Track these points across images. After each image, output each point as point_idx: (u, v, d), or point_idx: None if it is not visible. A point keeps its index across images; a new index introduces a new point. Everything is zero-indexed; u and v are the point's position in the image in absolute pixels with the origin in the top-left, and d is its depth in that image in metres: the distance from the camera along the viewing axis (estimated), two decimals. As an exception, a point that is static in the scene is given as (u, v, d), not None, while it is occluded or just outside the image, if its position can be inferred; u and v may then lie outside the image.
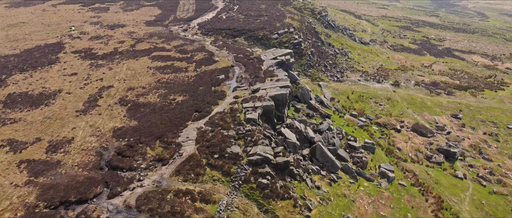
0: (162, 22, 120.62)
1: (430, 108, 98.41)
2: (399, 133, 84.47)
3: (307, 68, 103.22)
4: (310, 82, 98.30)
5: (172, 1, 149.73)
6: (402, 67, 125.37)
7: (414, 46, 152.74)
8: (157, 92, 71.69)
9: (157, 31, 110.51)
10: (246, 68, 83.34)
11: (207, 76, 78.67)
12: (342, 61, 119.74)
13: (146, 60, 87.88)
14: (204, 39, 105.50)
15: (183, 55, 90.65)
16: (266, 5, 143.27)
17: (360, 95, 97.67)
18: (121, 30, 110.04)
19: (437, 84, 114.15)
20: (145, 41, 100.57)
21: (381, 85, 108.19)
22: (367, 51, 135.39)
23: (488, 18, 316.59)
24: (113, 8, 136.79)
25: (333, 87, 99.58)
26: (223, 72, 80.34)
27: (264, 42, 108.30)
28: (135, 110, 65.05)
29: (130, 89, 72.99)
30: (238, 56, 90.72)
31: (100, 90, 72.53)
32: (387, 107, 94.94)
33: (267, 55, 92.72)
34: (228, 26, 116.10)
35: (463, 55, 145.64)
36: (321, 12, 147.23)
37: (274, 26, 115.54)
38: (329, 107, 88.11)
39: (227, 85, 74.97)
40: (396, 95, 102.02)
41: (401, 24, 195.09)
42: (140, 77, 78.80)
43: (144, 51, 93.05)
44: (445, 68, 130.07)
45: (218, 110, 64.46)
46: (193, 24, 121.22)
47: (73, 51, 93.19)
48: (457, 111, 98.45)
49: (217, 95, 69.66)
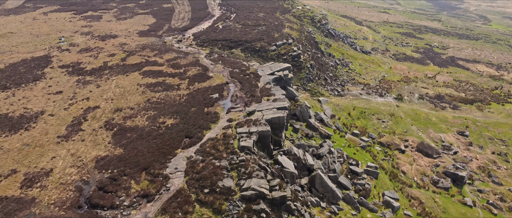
0: (156, 32, 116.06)
1: (435, 125, 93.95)
2: (404, 154, 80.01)
3: (307, 82, 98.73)
4: (310, 97, 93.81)
5: (167, 9, 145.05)
6: (405, 78, 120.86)
7: (417, 55, 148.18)
8: (146, 113, 67.23)
9: (150, 42, 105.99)
10: (241, 85, 78.87)
11: (200, 95, 74.21)
12: (342, 73, 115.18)
13: (136, 76, 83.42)
14: (199, 51, 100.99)
15: (176, 70, 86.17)
16: (264, 13, 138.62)
17: (361, 111, 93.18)
18: (113, 41, 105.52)
19: (442, 97, 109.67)
20: (137, 54, 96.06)
21: (383, 99, 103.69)
22: (369, 61, 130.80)
23: (490, 21, 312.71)
24: (106, 17, 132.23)
25: (334, 102, 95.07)
26: (217, 90, 75.88)
27: (262, 54, 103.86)
28: (121, 136, 60.58)
29: (117, 110, 68.52)
30: (233, 71, 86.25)
31: (85, 112, 68.05)
32: (390, 124, 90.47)
33: (264, 70, 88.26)
34: (224, 36, 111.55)
35: (468, 65, 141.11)
36: (321, 20, 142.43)
37: (272, 36, 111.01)
38: (330, 125, 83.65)
39: (221, 105, 70.50)
40: (399, 111, 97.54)
41: (403, 30, 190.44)
42: (129, 96, 74.33)
43: (135, 66, 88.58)
44: (450, 79, 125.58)
45: (210, 135, 60.04)
46: (188, 34, 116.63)
47: (61, 66, 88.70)
48: (463, 128, 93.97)
49: (210, 118, 65.19)
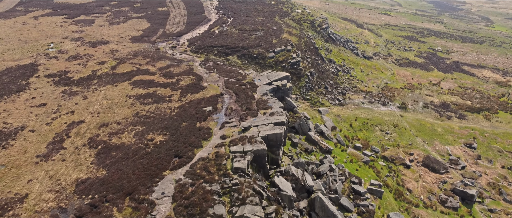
0: (149, 37, 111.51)
1: (441, 136, 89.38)
2: (409, 169, 75.48)
3: (306, 91, 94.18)
4: (309, 107, 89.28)
5: (163, 13, 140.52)
6: (409, 85, 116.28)
7: (421, 60, 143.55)
8: (134, 129, 62.72)
9: (142, 49, 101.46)
10: (237, 96, 74.33)
11: (193, 107, 69.68)
12: (344, 80, 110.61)
13: (126, 86, 78.90)
14: (193, 59, 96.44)
15: (168, 80, 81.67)
16: (262, 17, 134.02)
17: (364, 122, 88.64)
18: (103, 48, 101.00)
19: (447, 105, 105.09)
20: (128, 62, 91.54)
21: (386, 108, 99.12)
22: (371, 67, 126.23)
23: (493, 23, 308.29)
24: (98, 21, 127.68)
25: (335, 112, 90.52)
26: (210, 103, 71.37)
27: (259, 61, 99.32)
28: (105, 155, 56.08)
29: (103, 125, 64.00)
30: (229, 81, 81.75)
31: (68, 127, 63.54)
32: (394, 136, 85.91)
33: (262, 79, 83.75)
34: (220, 42, 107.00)
35: (473, 70, 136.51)
36: (321, 24, 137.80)
37: (270, 42, 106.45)
38: (330, 138, 79.13)
39: (214, 119, 65.98)
40: (403, 121, 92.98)
41: (405, 33, 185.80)
42: (117, 108, 69.82)
43: (125, 75, 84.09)
44: (455, 85, 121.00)
45: (201, 154, 55.55)
46: (182, 39, 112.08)
47: (47, 75, 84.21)
48: (471, 139, 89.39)
49: (202, 134, 60.67)
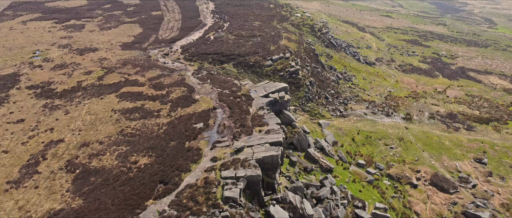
0: (140, 44, 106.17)
1: (449, 150, 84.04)
2: (416, 189, 70.13)
3: (306, 102, 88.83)
4: (309, 120, 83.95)
5: (156, 17, 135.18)
6: (413, 93, 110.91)
7: (425, 65, 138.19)
8: (117, 149, 57.39)
9: (133, 56, 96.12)
10: (231, 111, 69.01)
11: (182, 124, 64.33)
12: (345, 89, 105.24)
13: (112, 99, 73.56)
14: (186, 68, 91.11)
15: (158, 92, 76.35)
16: (260, 21, 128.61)
17: (367, 136, 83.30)
18: (92, 56, 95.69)
19: (455, 116, 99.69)
20: (116, 71, 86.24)
21: (390, 119, 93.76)
22: (373, 74, 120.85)
23: (496, 25, 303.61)
24: (89, 26, 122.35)
25: (336, 125, 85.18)
26: (202, 118, 66.03)
27: (256, 70, 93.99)
28: (83, 181, 50.76)
29: (84, 145, 58.67)
30: (223, 93, 76.43)
31: (46, 147, 58.24)
32: (399, 151, 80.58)
33: (258, 90, 78.42)
34: (215, 49, 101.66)
35: (479, 76, 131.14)
36: (321, 29, 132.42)
37: (268, 49, 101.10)
38: (331, 155, 73.81)
39: (205, 138, 60.66)
40: (409, 134, 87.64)
41: (408, 37, 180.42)
42: (101, 125, 64.50)
43: (112, 86, 78.78)
44: (461, 93, 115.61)
45: (189, 180, 50.22)
46: (176, 46, 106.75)
47: (29, 86, 78.93)
48: (480, 154, 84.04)
49: (191, 156, 55.35)
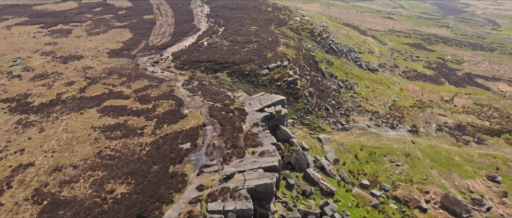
0: (129, 51, 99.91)
1: (460, 167, 77.82)
2: (426, 214, 63.85)
3: (304, 115, 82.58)
4: (308, 135, 77.72)
5: (148, 22, 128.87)
6: (419, 103, 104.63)
7: (430, 71, 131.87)
8: (93, 175, 51.18)
9: (119, 65, 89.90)
10: (222, 128, 62.79)
11: (168, 144, 58.11)
12: (347, 98, 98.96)
13: (93, 114, 67.34)
14: (176, 77, 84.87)
15: (143, 106, 70.12)
16: (257, 26, 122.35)
17: (371, 152, 77.08)
18: (76, 64, 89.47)
19: (464, 127, 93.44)
20: (100, 82, 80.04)
21: (396, 132, 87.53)
22: (376, 81, 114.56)
23: (500, 26, 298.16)
24: (76, 31, 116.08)
25: (337, 140, 78.95)
26: (189, 137, 59.80)
27: (252, 79, 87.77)
28: (50, 215, 44.52)
29: (56, 170, 52.46)
30: (214, 107, 70.21)
31: (13, 172, 52.01)
32: (406, 169, 74.35)
33: (252, 103, 72.22)
34: (208, 57, 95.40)
35: (487, 83, 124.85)
36: (321, 33, 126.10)
37: (265, 57, 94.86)
38: (332, 175, 67.57)
39: (192, 161, 54.45)
40: (415, 148, 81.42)
41: (411, 40, 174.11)
42: (77, 145, 58.28)
43: (94, 99, 72.56)
44: (469, 102, 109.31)
45: (171, 214, 43.98)
46: (166, 53, 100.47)
47: (4, 99, 72.71)
48: (493, 171, 77.84)
49: (174, 184, 49.14)
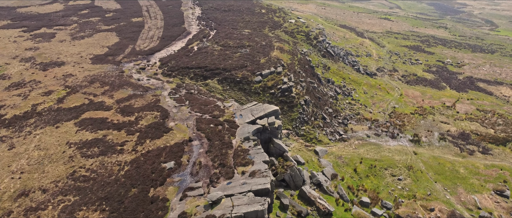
0: (114, 56, 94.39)
1: (465, 180, 73.08)
2: (431, 235, 58.98)
3: (300, 125, 77.53)
4: (304, 147, 72.65)
5: (136, 25, 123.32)
6: (420, 109, 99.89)
7: (430, 75, 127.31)
8: (63, 200, 45.83)
9: (103, 72, 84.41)
10: (209, 144, 57.58)
11: (149, 162, 52.81)
12: (345, 106, 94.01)
13: (70, 128, 61.90)
14: (163, 85, 79.53)
15: (125, 118, 64.75)
16: (250, 29, 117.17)
17: (371, 165, 72.14)
18: (56, 71, 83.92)
19: (467, 136, 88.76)
20: (80, 91, 74.58)
21: (396, 142, 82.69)
22: (375, 86, 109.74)
23: (497, 27, 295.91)
24: (60, 35, 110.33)
25: (335, 153, 73.95)
26: (173, 154, 54.54)
27: (244, 86, 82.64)
28: (10, 250, 39.17)
29: (22, 195, 47.02)
30: (202, 119, 64.95)
31: (-26, 198, 46.56)
32: (408, 183, 69.47)
33: (244, 114, 67.06)
34: (198, 62, 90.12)
35: (490, 88, 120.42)
36: (317, 37, 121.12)
37: (258, 62, 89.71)
38: (330, 192, 62.51)
39: (175, 182, 49.22)
40: (418, 160, 76.61)
41: (410, 43, 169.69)
42: (49, 164, 52.86)
43: (72, 111, 67.10)
44: (472, 108, 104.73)
45: (148, 249, 38.78)
46: (154, 59, 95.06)
47: (-26, 111, 67.18)
48: (501, 184, 73.16)
49: (154, 211, 43.86)
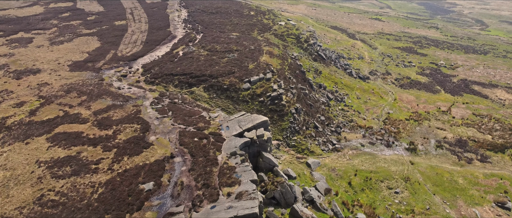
0: (94, 63, 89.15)
1: (465, 191, 69.59)
2: (432, 254, 55.20)
3: (291, 135, 73.32)
4: (295, 159, 68.44)
5: (119, 28, 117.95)
6: (415, 114, 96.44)
7: (424, 78, 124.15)
8: (27, 231, 40.93)
9: (81, 80, 79.24)
10: (193, 160, 53.03)
11: (126, 183, 48.07)
12: (337, 112, 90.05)
13: (41, 144, 56.83)
14: (145, 94, 74.67)
15: (102, 132, 59.83)
16: (238, 32, 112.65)
17: (366, 178, 68.21)
18: (30, 80, 78.55)
19: (464, 143, 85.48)
20: (55, 102, 69.39)
21: (392, 151, 78.99)
22: (368, 91, 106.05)
23: (488, 26, 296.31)
24: (37, 40, 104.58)
25: (328, 165, 69.88)
26: (153, 174, 49.86)
27: (231, 94, 78.19)
28: None
29: (-19, 224, 42.02)
30: (186, 132, 60.34)
31: None
32: (406, 197, 65.68)
33: (231, 126, 62.64)
34: (183, 69, 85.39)
35: (485, 91, 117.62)
36: (308, 39, 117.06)
37: (246, 68, 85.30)
38: (324, 209, 58.34)
39: (154, 206, 44.58)
40: (415, 171, 72.94)
41: (402, 44, 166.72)
42: (15, 187, 47.82)
43: (45, 125, 61.97)
44: (468, 112, 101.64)
45: None
46: (137, 65, 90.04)
47: None
48: (502, 194, 69.85)
49: (128, 242, 39.21)
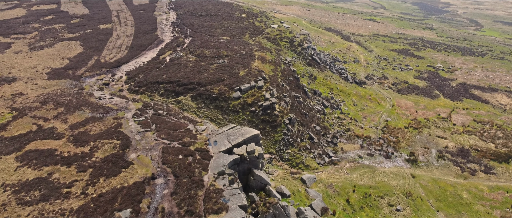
0: (75, 70, 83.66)
1: (470, 207, 65.30)
2: None
3: (284, 147, 68.51)
4: (289, 175, 63.66)
5: (104, 32, 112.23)
6: (415, 122, 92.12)
7: (422, 82, 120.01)
8: None
9: (59, 90, 73.79)
10: (176, 181, 48.04)
11: (100, 211, 42.94)
12: (333, 121, 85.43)
13: (9, 163, 51.46)
14: (128, 105, 69.43)
15: (78, 149, 54.58)
16: (229, 35, 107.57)
17: (365, 194, 63.61)
18: (5, 90, 72.92)
19: (467, 153, 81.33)
20: (29, 115, 63.95)
21: (392, 163, 74.54)
22: (365, 97, 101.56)
23: (482, 26, 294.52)
24: (16, 45, 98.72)
25: (325, 180, 65.18)
26: (131, 199, 44.78)
27: (221, 104, 73.23)
28: None
29: None
30: (169, 148, 55.30)
31: None
32: (408, 214, 61.19)
33: (219, 140, 57.73)
34: (169, 76, 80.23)
35: (485, 95, 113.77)
36: (302, 43, 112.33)
37: (237, 75, 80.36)
38: (320, 232, 53.67)
39: (130, 239, 39.51)
40: (416, 185, 68.52)
41: (398, 46, 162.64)
42: (-26, 217, 42.47)
43: (15, 141, 56.56)
44: (468, 119, 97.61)
45: None
46: (120, 72, 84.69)
47: None
48: (509, 210, 65.67)
49: None
